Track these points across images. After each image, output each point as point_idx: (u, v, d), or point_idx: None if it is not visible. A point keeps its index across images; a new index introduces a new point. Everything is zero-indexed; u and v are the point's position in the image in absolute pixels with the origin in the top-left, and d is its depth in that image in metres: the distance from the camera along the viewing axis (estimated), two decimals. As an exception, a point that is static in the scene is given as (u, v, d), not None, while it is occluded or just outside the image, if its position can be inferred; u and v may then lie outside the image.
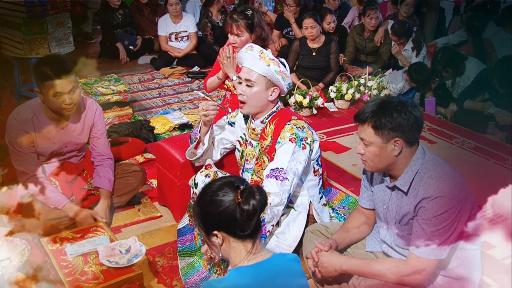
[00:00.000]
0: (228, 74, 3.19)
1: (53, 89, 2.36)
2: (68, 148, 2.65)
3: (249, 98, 2.29)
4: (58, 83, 2.35)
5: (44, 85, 2.37)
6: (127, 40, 6.01)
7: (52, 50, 4.26)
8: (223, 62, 3.19)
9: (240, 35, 3.08)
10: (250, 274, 1.48)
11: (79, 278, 2.07)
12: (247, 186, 1.52)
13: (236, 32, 3.08)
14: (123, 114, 4.24)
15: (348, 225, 2.23)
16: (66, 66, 2.41)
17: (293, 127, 2.27)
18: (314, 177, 2.47)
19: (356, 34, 5.55)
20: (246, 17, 3.06)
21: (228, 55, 3.16)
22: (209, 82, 3.38)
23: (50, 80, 2.34)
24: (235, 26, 3.07)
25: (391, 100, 1.90)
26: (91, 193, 2.75)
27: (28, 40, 4.17)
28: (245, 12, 3.08)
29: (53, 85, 2.35)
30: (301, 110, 4.52)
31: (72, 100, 2.42)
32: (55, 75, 2.34)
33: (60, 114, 2.49)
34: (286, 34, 5.99)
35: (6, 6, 4.15)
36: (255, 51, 2.29)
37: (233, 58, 3.15)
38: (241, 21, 3.05)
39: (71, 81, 2.40)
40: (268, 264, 1.52)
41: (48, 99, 2.41)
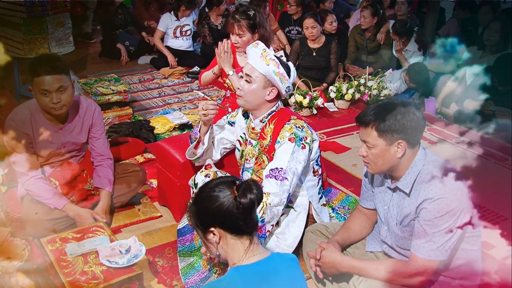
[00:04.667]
0: (224, 69, 3.15)
1: (40, 86, 2.37)
2: (66, 149, 2.65)
3: (246, 94, 2.30)
4: (45, 80, 2.36)
5: (33, 82, 2.40)
6: (128, 41, 6.01)
7: (52, 50, 4.25)
8: (220, 56, 3.14)
9: (241, 35, 3.07)
10: (249, 274, 1.48)
11: (79, 278, 2.07)
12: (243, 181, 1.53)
13: (238, 32, 3.06)
14: (123, 114, 4.25)
15: (349, 225, 2.23)
16: (55, 64, 2.41)
17: (292, 127, 2.27)
18: (313, 177, 2.46)
19: (357, 34, 5.56)
20: (248, 17, 3.05)
21: (226, 49, 3.12)
22: (204, 76, 3.35)
23: (37, 76, 2.36)
24: (237, 26, 3.05)
25: (393, 102, 1.88)
26: (91, 193, 2.75)
27: (28, 40, 4.17)
28: (247, 12, 3.06)
29: (40, 81, 2.37)
30: (301, 110, 4.52)
31: (59, 100, 2.41)
32: (42, 72, 2.36)
33: (50, 113, 2.48)
34: (287, 33, 6.01)
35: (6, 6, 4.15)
36: (258, 48, 2.30)
37: (230, 53, 3.12)
38: (243, 21, 3.04)
39: (60, 80, 2.39)
40: (267, 263, 1.52)
41: (37, 97, 2.43)
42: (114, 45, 5.96)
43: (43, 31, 4.20)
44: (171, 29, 5.79)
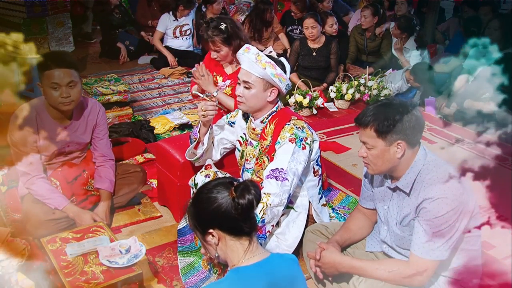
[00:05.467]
0: (207, 91, 3.05)
1: (51, 80, 2.38)
2: (70, 148, 2.65)
3: (248, 100, 2.29)
4: (56, 74, 2.38)
5: (43, 76, 2.41)
6: (127, 40, 6.00)
7: (52, 50, 4.27)
8: (198, 83, 3.09)
9: (218, 50, 3.04)
10: (249, 275, 1.48)
11: (79, 278, 2.07)
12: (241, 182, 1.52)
13: (214, 48, 3.04)
14: (123, 114, 4.25)
15: (348, 225, 2.23)
16: (66, 58, 2.47)
17: (293, 127, 2.27)
18: (313, 178, 2.46)
19: (357, 34, 5.56)
20: (221, 32, 2.99)
21: (202, 73, 3.06)
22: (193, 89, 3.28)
23: (49, 69, 2.38)
24: (211, 43, 3.02)
25: (392, 102, 1.88)
26: (92, 193, 2.75)
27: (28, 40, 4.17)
28: (218, 27, 3.00)
29: (50, 75, 2.38)
30: (301, 110, 4.52)
31: (69, 95, 2.42)
32: (53, 65, 2.39)
33: (58, 109, 2.49)
34: (290, 32, 6.00)
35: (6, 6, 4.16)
36: (251, 53, 2.27)
37: (208, 74, 3.06)
38: (216, 38, 2.99)
39: (70, 74, 2.41)
40: (267, 264, 1.51)
41: (46, 92, 2.43)
42: (114, 45, 5.96)
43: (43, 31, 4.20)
44: (171, 29, 5.79)
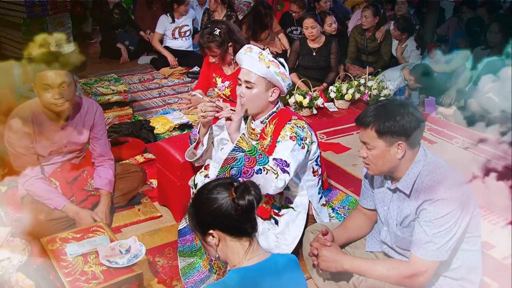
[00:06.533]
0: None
1: (43, 81, 2.37)
2: (67, 148, 2.65)
3: (249, 100, 2.27)
4: (48, 75, 2.37)
5: (36, 78, 2.40)
6: (127, 40, 6.00)
7: (52, 50, 4.26)
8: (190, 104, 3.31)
9: (215, 55, 3.13)
10: (249, 276, 1.48)
11: (79, 278, 2.07)
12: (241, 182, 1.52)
13: (210, 53, 3.13)
14: (123, 114, 4.25)
15: (347, 224, 2.23)
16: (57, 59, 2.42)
17: (293, 126, 2.27)
18: (313, 177, 2.46)
19: (357, 34, 5.56)
20: (215, 38, 3.08)
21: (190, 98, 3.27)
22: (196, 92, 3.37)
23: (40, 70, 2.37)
24: (207, 49, 3.11)
25: (392, 103, 1.88)
26: (91, 193, 2.75)
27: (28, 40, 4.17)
28: (213, 33, 3.08)
29: (42, 76, 2.37)
30: (301, 110, 4.52)
31: (61, 96, 2.41)
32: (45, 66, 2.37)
33: (51, 110, 2.48)
34: (289, 33, 6.00)
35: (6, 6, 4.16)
36: (254, 52, 2.27)
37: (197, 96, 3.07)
38: (211, 44, 3.09)
39: (62, 75, 2.39)
40: (267, 264, 1.51)
41: (39, 94, 2.42)
42: (113, 45, 5.95)
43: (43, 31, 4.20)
44: (169, 30, 5.80)
